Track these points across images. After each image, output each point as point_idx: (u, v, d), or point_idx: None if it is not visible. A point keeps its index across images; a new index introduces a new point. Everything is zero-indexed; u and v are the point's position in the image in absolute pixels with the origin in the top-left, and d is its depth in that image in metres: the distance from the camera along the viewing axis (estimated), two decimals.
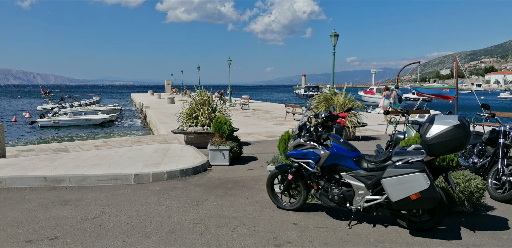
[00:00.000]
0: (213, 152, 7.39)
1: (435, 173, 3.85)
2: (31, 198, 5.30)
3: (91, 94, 52.65)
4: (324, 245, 3.65)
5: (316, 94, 12.25)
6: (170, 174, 6.38)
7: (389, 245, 3.66)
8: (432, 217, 3.88)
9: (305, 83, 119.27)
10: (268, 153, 8.55)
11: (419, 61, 21.99)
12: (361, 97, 40.25)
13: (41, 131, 22.68)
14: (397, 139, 6.40)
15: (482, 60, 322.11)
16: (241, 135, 10.17)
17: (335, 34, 16.04)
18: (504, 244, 3.68)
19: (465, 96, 58.79)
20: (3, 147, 8.03)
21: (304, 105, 11.34)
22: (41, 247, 3.66)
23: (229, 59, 34.12)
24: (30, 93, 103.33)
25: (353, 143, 9.43)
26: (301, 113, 15.87)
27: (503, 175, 5.05)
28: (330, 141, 4.21)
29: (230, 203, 5.00)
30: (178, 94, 53.11)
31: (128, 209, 4.79)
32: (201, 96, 9.86)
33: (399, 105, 14.78)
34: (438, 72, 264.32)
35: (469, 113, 23.58)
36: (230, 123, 7.77)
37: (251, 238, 3.82)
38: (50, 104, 36.91)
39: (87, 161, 7.24)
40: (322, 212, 4.61)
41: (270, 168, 5.51)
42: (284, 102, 31.34)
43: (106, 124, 25.67)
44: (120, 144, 10.29)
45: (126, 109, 39.09)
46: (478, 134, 6.18)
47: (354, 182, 4.05)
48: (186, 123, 9.65)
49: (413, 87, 16.09)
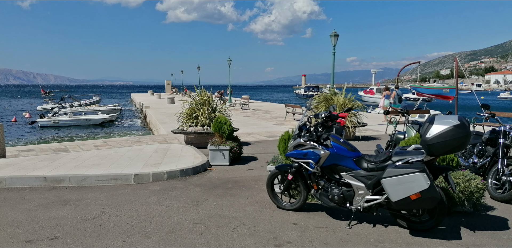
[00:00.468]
0: (213, 152, 7.39)
1: (435, 173, 3.84)
2: (31, 198, 5.30)
3: (91, 94, 52.65)
4: (324, 245, 3.65)
5: (316, 94, 12.25)
6: (170, 174, 6.38)
7: (389, 245, 3.66)
8: (432, 217, 3.88)
9: (305, 83, 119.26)
10: (268, 153, 8.55)
11: (419, 61, 22.00)
12: (361, 97, 40.25)
13: (41, 131, 22.68)
14: (397, 139, 6.40)
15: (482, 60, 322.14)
16: (241, 135, 10.17)
17: (335, 34, 16.04)
18: (504, 244, 3.68)
19: (465, 96, 58.79)
20: (3, 147, 8.03)
21: (304, 105, 11.34)
22: (41, 247, 3.66)
23: (229, 59, 34.12)
24: (30, 93, 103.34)
25: (353, 143, 9.43)
26: (301, 113, 15.87)
27: (503, 175, 5.05)
28: (330, 141, 4.21)
29: (230, 203, 5.00)
30: (178, 94, 53.11)
31: (128, 209, 4.79)
32: (201, 96, 9.86)
33: (399, 105, 14.77)
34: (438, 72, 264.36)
35: (469, 113, 23.58)
36: (230, 123, 7.78)
37: (251, 238, 3.82)
38: (50, 104, 36.91)
39: (87, 161, 7.24)
40: (322, 212, 4.61)
41: (270, 168, 5.51)
42: (284, 102, 31.34)
43: (106, 124, 25.67)
44: (120, 144, 10.29)
45: (126, 109, 39.09)
46: (478, 134, 6.18)
47: (354, 182, 4.05)
48: (186, 123, 9.65)
49: (413, 87, 16.09)
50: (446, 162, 4.74)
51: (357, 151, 4.20)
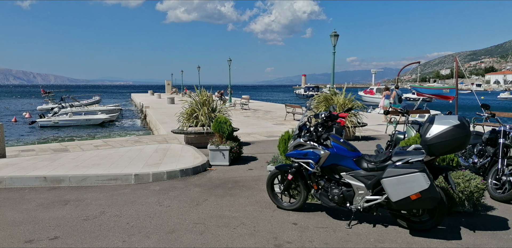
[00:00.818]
0: (213, 152, 7.39)
1: (435, 173, 3.84)
2: (31, 198, 5.30)
3: (91, 94, 52.65)
4: (324, 245, 3.65)
5: (316, 94, 12.25)
6: (170, 174, 6.38)
7: (389, 245, 3.66)
8: (432, 217, 3.88)
9: (305, 83, 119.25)
10: (268, 153, 8.55)
11: (419, 61, 21.99)
12: (361, 97, 40.25)
13: (41, 131, 22.68)
14: (397, 139, 6.40)
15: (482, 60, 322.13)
16: (241, 135, 10.17)
17: (335, 34, 16.04)
18: (504, 244, 3.68)
19: (465, 96, 58.79)
20: (3, 147, 8.03)
21: (304, 105, 11.34)
22: (41, 247, 3.66)
23: (229, 59, 34.12)
24: (30, 93, 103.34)
25: (353, 143, 9.43)
26: (301, 113, 15.87)
27: (503, 175, 5.05)
28: (330, 141, 4.21)
29: (230, 203, 5.00)
30: (178, 94, 53.11)
31: (128, 209, 4.79)
32: (201, 96, 9.86)
33: (399, 105, 14.77)
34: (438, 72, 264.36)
35: (469, 113, 23.58)
36: (230, 123, 7.78)
37: (251, 238, 3.82)
38: (50, 104, 36.91)
39: (87, 161, 7.25)
40: (322, 212, 4.61)
41: (270, 168, 5.51)
42: (284, 102, 31.34)
43: (106, 124, 25.67)
44: (120, 144, 10.29)
45: (126, 109, 39.09)
46: (478, 134, 6.18)
47: (354, 182, 4.05)
48: (186, 123, 9.65)
49: (413, 87, 16.09)
50: (446, 162, 4.74)
51: (357, 151, 4.20)
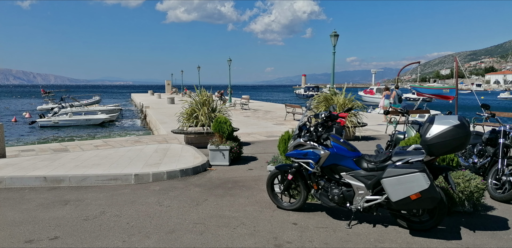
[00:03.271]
0: (213, 152, 7.39)
1: (435, 173, 3.85)
2: (31, 198, 5.30)
3: (91, 94, 52.65)
4: (324, 245, 3.65)
5: (316, 94, 12.25)
6: (170, 174, 6.38)
7: (389, 245, 3.66)
8: (432, 217, 3.88)
9: (305, 83, 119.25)
10: (268, 153, 8.55)
11: (419, 61, 21.99)
12: (361, 97, 40.25)
13: (41, 131, 22.67)
14: (397, 139, 6.40)
15: (482, 60, 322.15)
16: (241, 135, 10.17)
17: (335, 34, 16.05)
18: (504, 244, 3.68)
19: (465, 96, 58.80)
20: (3, 147, 8.03)
21: (304, 105, 11.34)
22: (41, 247, 3.66)
23: (229, 59, 34.12)
24: (30, 93, 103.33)
25: (353, 143, 9.43)
26: (301, 113, 15.87)
27: (503, 175, 5.05)
28: (330, 141, 4.21)
29: (230, 203, 5.00)
30: (178, 94, 53.11)
31: (128, 209, 4.79)
32: (201, 96, 9.86)
33: (399, 105, 14.77)
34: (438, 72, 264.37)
35: (469, 113, 23.59)
36: (230, 123, 7.78)
37: (251, 238, 3.82)
38: (50, 104, 36.91)
39: (87, 161, 7.24)
40: (322, 212, 4.61)
41: (270, 168, 5.51)
42: (284, 102, 31.33)
43: (106, 124, 25.66)
44: (120, 144, 10.29)
45: (126, 109, 39.09)
46: (478, 134, 6.18)
47: (354, 182, 4.05)
48: (186, 123, 9.65)
49: (413, 87, 16.10)
50: (446, 162, 4.74)
51: (357, 151, 4.20)
